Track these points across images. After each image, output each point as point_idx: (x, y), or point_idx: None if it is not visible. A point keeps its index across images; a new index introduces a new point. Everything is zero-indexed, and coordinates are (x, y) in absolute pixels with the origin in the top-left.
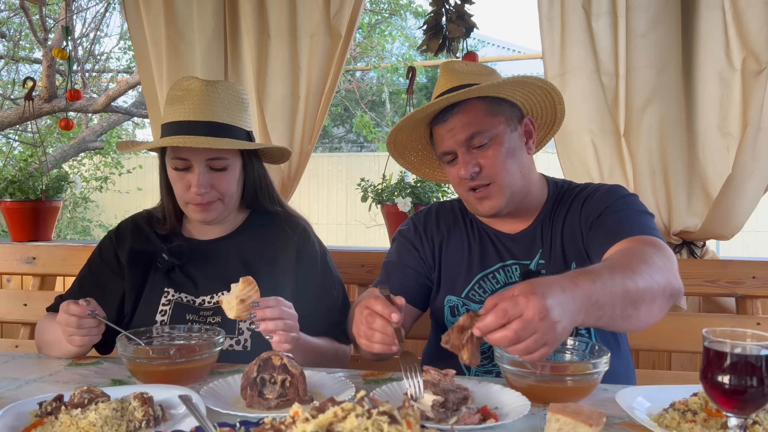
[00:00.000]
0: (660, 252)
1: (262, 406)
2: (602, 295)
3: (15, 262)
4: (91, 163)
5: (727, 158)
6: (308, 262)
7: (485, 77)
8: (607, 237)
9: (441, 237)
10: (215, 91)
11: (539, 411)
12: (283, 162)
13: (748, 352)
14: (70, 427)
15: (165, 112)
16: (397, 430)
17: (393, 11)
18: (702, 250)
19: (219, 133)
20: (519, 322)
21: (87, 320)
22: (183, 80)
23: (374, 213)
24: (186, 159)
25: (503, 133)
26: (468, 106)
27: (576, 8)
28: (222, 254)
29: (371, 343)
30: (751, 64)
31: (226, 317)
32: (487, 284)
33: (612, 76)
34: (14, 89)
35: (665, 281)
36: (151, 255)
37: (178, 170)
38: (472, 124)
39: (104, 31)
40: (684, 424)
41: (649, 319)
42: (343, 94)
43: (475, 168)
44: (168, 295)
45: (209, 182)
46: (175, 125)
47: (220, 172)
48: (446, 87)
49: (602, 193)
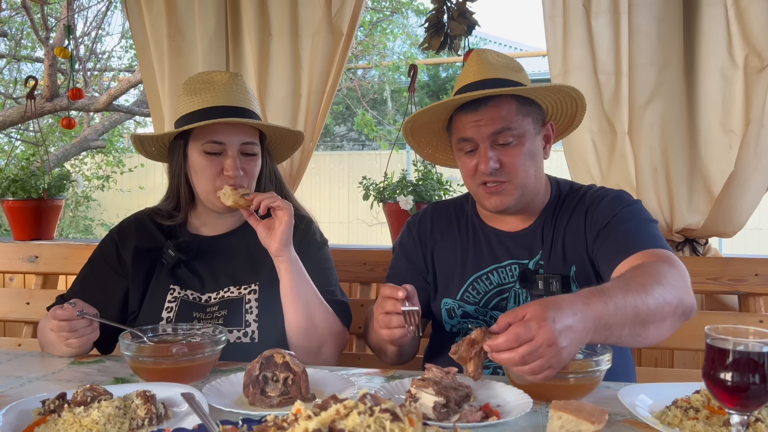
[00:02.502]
0: (674, 269)
1: (265, 404)
2: (612, 317)
3: (17, 260)
4: (92, 161)
5: (730, 155)
6: (308, 249)
7: (516, 74)
8: (618, 251)
9: (434, 242)
10: (237, 80)
11: (541, 408)
12: (283, 161)
13: (750, 350)
14: (73, 425)
15: (184, 103)
16: (399, 427)
17: (394, 9)
18: (704, 248)
19: (247, 116)
20: (527, 347)
21: (77, 322)
22: (202, 74)
23: (376, 211)
24: (221, 143)
25: (529, 134)
26: (501, 102)
27: (577, 6)
28: (228, 250)
29: (390, 330)
30: (753, 61)
31: (233, 311)
32: (481, 285)
33: (612, 74)
34: (16, 88)
35: (677, 300)
36: (156, 252)
37: (210, 154)
38: (503, 119)
39: (106, 29)
40: (686, 421)
41: (658, 337)
42: (345, 92)
43: (496, 164)
44: (174, 293)
45: (242, 166)
46: (205, 111)
47: (250, 157)
48: (478, 77)
49: (608, 201)
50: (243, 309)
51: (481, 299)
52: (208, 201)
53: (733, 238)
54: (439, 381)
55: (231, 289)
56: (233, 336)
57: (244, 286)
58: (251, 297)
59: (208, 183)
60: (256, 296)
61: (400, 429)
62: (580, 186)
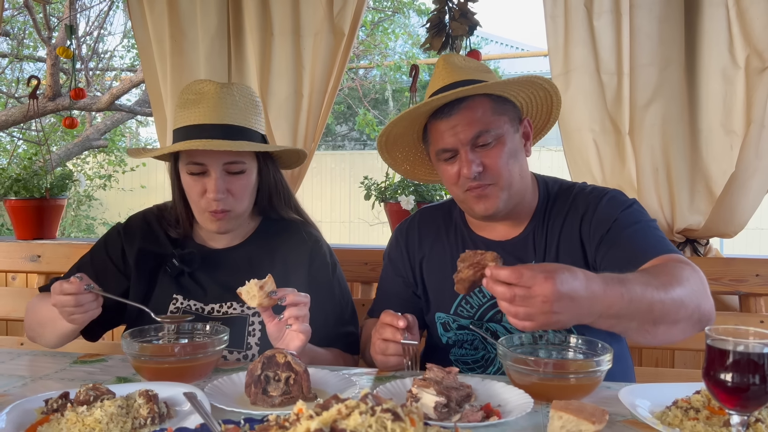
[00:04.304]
0: (695, 273)
1: (266, 404)
2: (625, 308)
3: (20, 260)
4: (95, 161)
5: (731, 156)
6: (319, 273)
7: (486, 74)
8: (628, 259)
9: (422, 255)
10: (230, 94)
11: (542, 408)
12: (297, 167)
13: (750, 350)
14: (75, 424)
15: (177, 116)
16: (400, 427)
17: (396, 9)
18: (705, 248)
19: (235, 136)
20: (523, 290)
21: (84, 296)
22: (195, 83)
23: (377, 211)
24: (202, 164)
25: (507, 133)
26: (474, 103)
27: (578, 6)
28: (232, 263)
29: (386, 356)
30: (754, 62)
31: (236, 331)
32: (474, 299)
33: (613, 74)
34: (18, 88)
35: (695, 305)
36: (160, 258)
37: (194, 175)
38: (479, 121)
39: (108, 29)
40: (687, 421)
41: (667, 338)
42: (346, 92)
43: (479, 168)
44: (177, 303)
45: (225, 187)
46: (190, 129)
47: (236, 175)
48: (447, 81)
49: (605, 205)
50: (246, 331)
51: (476, 313)
52: (200, 220)
53: (734, 238)
54: (440, 381)
55: (234, 305)
56: (233, 357)
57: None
58: (255, 320)
59: (194, 204)
60: (261, 319)
61: (402, 429)
62: (571, 185)
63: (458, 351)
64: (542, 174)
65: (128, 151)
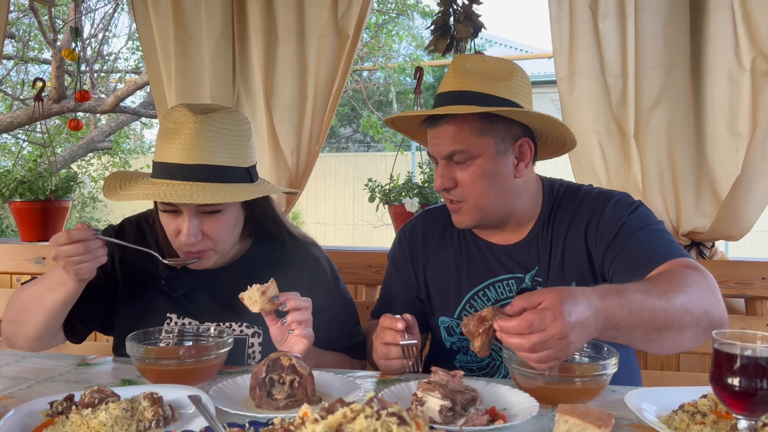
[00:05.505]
0: (703, 279)
1: (271, 407)
2: (625, 319)
3: (25, 261)
4: (99, 163)
5: (737, 158)
6: (321, 293)
7: (494, 83)
8: (637, 265)
9: (426, 259)
10: (209, 126)
11: (548, 412)
12: None
13: (758, 354)
14: (80, 426)
15: (157, 148)
16: (405, 431)
17: (400, 11)
18: (711, 251)
19: (212, 177)
20: (539, 336)
21: (93, 242)
22: (176, 110)
23: (381, 213)
24: (174, 204)
25: (487, 155)
26: (460, 119)
27: (583, 9)
28: (229, 282)
29: (389, 361)
30: (760, 64)
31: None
32: (478, 303)
33: (619, 76)
34: (24, 90)
35: (702, 311)
36: (150, 275)
37: (167, 212)
38: (457, 140)
39: (113, 31)
40: (693, 426)
41: (675, 346)
42: (351, 94)
43: (450, 183)
44: (171, 322)
45: (200, 228)
46: (165, 168)
47: (213, 215)
48: (452, 87)
49: (611, 209)
50: (245, 353)
51: None
52: (180, 257)
53: (740, 241)
54: (445, 384)
55: (233, 326)
56: None
57: (246, 324)
58: (255, 341)
59: (171, 240)
60: (260, 340)
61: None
62: (577, 188)
63: (463, 357)
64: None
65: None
